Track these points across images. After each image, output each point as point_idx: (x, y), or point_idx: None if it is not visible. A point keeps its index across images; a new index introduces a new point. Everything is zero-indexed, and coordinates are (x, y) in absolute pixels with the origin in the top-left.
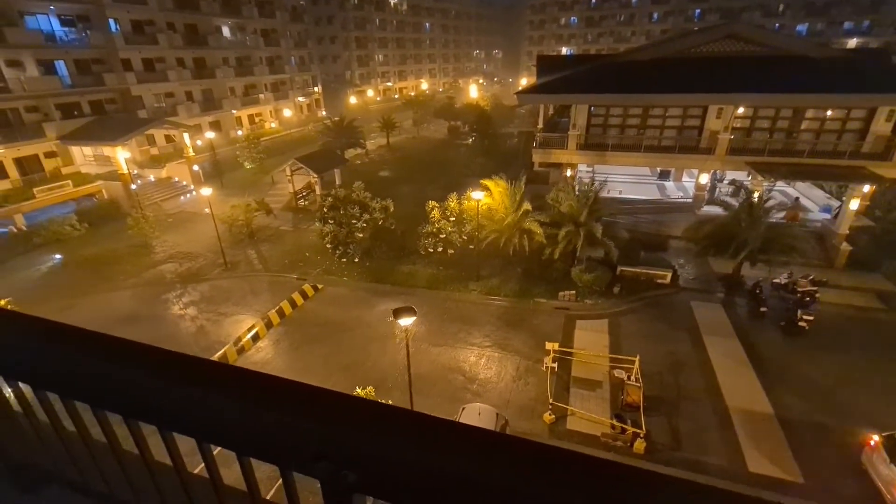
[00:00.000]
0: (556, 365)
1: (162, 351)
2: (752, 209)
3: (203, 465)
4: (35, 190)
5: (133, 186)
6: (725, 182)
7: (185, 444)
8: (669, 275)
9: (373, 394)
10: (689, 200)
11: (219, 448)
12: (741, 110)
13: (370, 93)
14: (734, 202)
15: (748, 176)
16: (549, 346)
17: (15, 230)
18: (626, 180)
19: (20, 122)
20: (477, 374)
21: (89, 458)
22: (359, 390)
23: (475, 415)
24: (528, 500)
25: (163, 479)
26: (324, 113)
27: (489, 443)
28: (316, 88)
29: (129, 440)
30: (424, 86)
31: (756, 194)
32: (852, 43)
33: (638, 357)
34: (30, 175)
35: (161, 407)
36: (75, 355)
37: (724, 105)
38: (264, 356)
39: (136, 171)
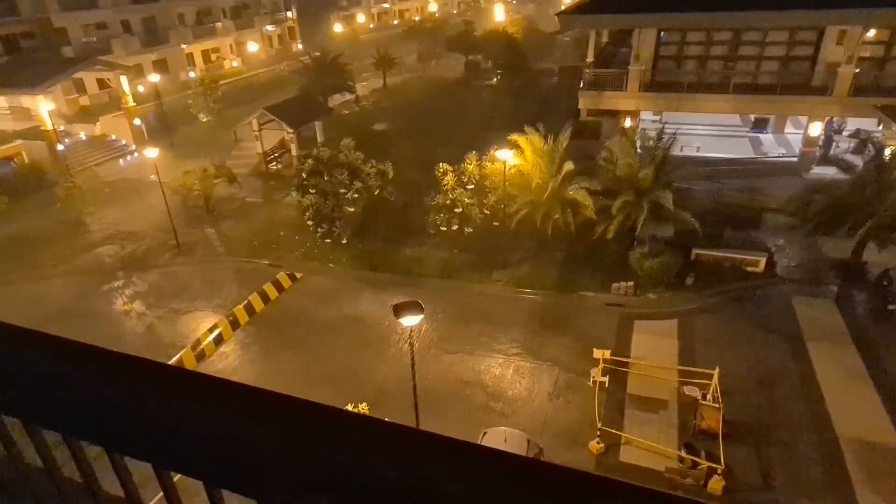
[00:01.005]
0: (606, 379)
1: (107, 352)
2: (883, 171)
3: (161, 495)
4: None
5: (60, 147)
6: (846, 134)
7: (140, 468)
8: (763, 260)
9: (366, 412)
10: (794, 159)
11: (179, 475)
12: (872, 33)
13: (361, 18)
14: (857, 161)
15: (879, 125)
16: (597, 354)
17: None
18: (708, 133)
19: None
20: (503, 390)
21: (22, 484)
22: (349, 408)
23: (500, 441)
24: None
25: None
26: (300, 47)
27: (525, 472)
28: (289, 13)
29: (72, 464)
30: (433, 7)
31: (889, 150)
32: None
33: (717, 370)
34: None
35: (108, 422)
36: None
37: (849, 26)
38: (230, 363)
39: (62, 128)
